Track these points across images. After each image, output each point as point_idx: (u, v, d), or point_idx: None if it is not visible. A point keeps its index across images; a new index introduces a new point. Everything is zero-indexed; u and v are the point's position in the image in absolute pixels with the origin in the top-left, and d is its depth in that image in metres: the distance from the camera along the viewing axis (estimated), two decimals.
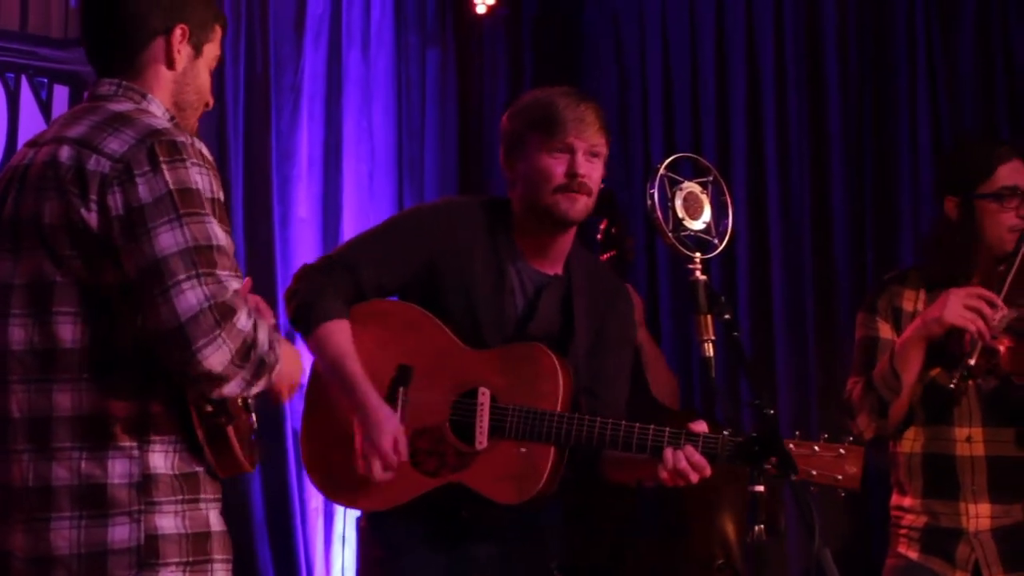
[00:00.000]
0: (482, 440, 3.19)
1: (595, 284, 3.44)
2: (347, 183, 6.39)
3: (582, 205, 3.29)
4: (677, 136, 6.42)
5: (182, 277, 2.34)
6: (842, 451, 3.09)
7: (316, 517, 6.08)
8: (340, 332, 3.24)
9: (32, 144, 2.56)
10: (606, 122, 3.35)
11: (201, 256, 2.35)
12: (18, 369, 2.45)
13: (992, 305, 3.43)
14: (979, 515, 3.60)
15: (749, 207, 6.17)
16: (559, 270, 3.39)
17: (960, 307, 3.45)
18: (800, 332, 6.03)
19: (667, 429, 3.13)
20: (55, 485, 2.42)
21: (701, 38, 6.39)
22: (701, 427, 3.14)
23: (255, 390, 2.44)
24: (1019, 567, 3.58)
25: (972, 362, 3.44)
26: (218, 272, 2.36)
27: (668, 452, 3.10)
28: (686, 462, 3.09)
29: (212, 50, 2.66)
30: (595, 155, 3.30)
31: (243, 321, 2.37)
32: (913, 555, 3.67)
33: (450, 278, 3.31)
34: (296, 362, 2.67)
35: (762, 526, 2.91)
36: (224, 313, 2.34)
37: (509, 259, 3.34)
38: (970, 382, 3.56)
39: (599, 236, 4.59)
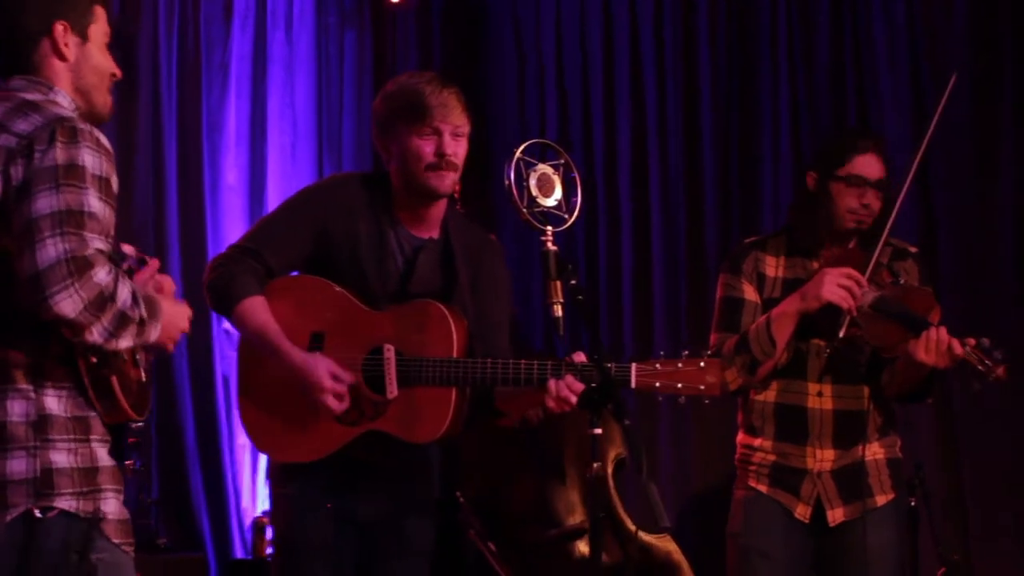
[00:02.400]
0: (392, 390, 3.27)
1: (468, 241, 3.54)
2: (271, 153, 6.45)
3: (450, 180, 3.40)
4: (569, 110, 6.51)
5: (47, 234, 2.41)
6: (702, 364, 3.17)
7: (243, 452, 6.19)
8: (257, 306, 3.32)
9: None
10: (467, 104, 3.43)
11: (70, 219, 2.43)
12: None
13: (859, 284, 3.59)
14: (823, 459, 3.75)
15: (633, 179, 6.28)
16: (435, 233, 3.49)
17: (834, 285, 3.58)
18: (674, 291, 6.16)
19: (549, 362, 3.20)
20: None
21: (590, 26, 6.46)
22: (580, 358, 3.21)
23: (123, 343, 2.50)
24: (854, 498, 3.73)
25: (842, 334, 3.59)
26: (84, 233, 2.44)
27: (552, 383, 3.17)
28: (567, 389, 3.16)
29: (99, 29, 2.70)
30: (459, 135, 3.40)
31: (100, 276, 2.43)
32: (762, 488, 3.80)
33: (338, 243, 3.40)
34: (179, 316, 2.71)
35: (599, 463, 3.06)
36: (80, 266, 2.41)
37: (389, 225, 3.44)
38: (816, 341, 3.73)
39: (456, 194, 4.63)
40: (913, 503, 5.02)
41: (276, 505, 3.54)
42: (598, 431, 3.07)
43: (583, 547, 4.62)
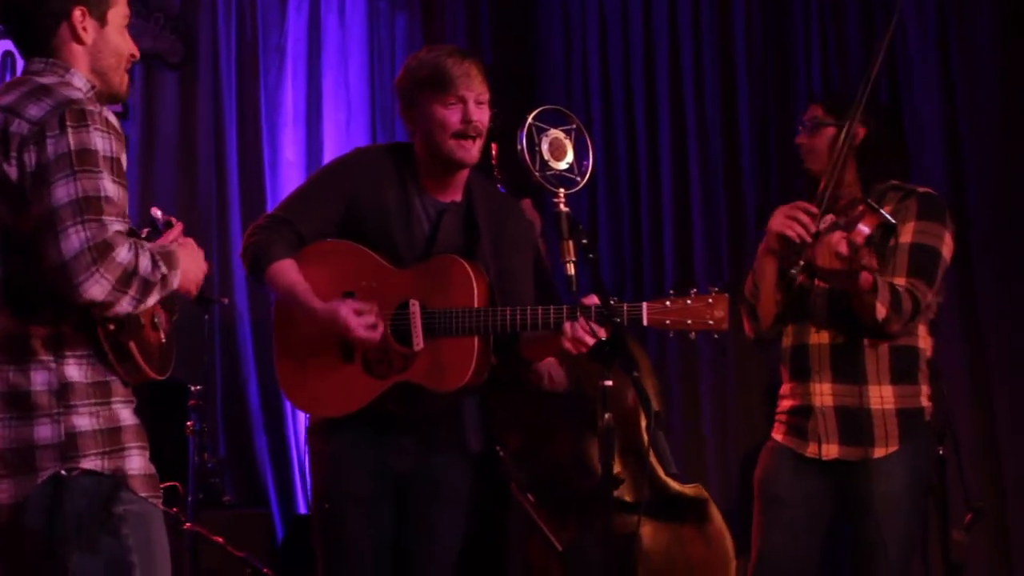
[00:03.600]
0: (418, 342, 3.32)
1: (491, 203, 3.58)
2: (327, 130, 6.49)
3: (476, 149, 3.44)
4: (612, 92, 6.47)
5: (69, 223, 2.44)
6: (710, 300, 3.16)
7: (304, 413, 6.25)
8: (286, 269, 3.39)
9: None
10: (487, 74, 3.46)
11: (89, 205, 2.46)
12: None
13: (811, 214, 3.52)
14: (823, 392, 3.70)
15: (672, 136, 6.23)
16: (458, 197, 3.53)
17: (782, 217, 3.56)
18: (715, 247, 6.12)
19: (565, 307, 3.23)
20: None
21: (631, 10, 6.41)
22: (592, 300, 3.23)
23: (150, 303, 2.55)
24: (853, 441, 3.69)
25: (801, 261, 3.51)
26: (103, 217, 2.47)
27: (567, 325, 3.20)
28: (582, 330, 3.19)
29: (118, 12, 2.71)
30: (481, 102, 3.43)
31: (122, 255, 2.46)
32: (779, 437, 3.81)
33: (367, 211, 3.45)
34: (195, 262, 2.74)
35: (611, 415, 3.06)
36: (102, 251, 2.44)
37: (415, 192, 3.48)
38: (818, 283, 3.68)
39: (493, 161, 4.55)
40: (941, 451, 4.99)
41: (315, 461, 3.57)
42: (609, 383, 3.06)
43: (620, 497, 4.62)
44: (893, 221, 3.45)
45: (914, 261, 3.62)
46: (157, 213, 2.81)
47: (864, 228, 3.38)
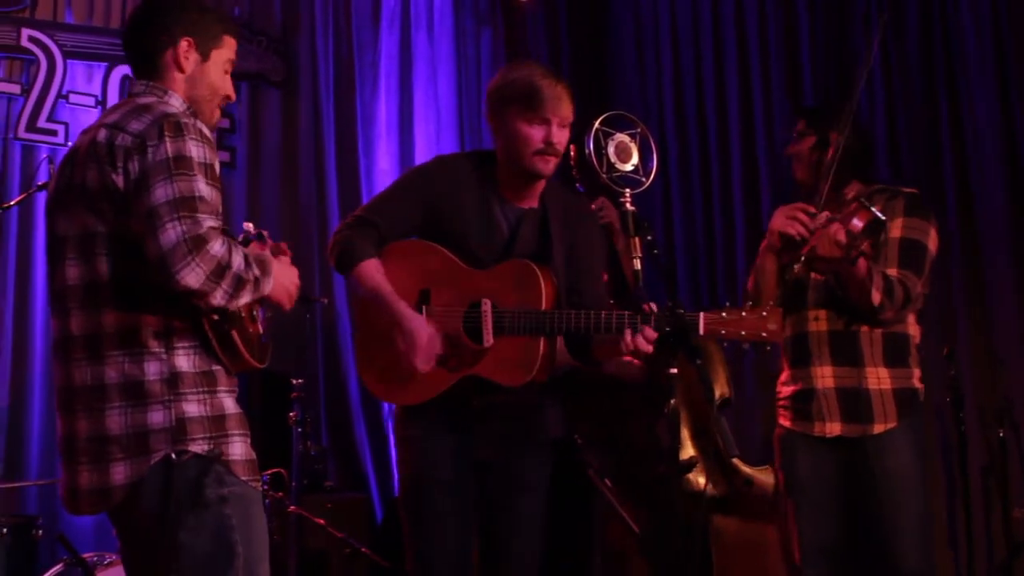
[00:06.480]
0: (489, 339, 3.31)
1: (566, 208, 3.55)
2: (419, 141, 6.54)
3: (553, 164, 3.43)
4: (684, 96, 6.46)
5: (166, 219, 2.52)
6: (764, 313, 3.12)
7: None
8: (373, 268, 3.39)
9: (84, 132, 2.77)
10: (574, 97, 3.44)
11: (184, 204, 2.53)
12: (75, 299, 2.67)
13: (808, 213, 3.53)
14: (824, 376, 3.70)
15: (741, 129, 6.20)
16: (535, 203, 3.52)
17: (782, 218, 3.55)
18: None
19: (627, 313, 3.17)
20: (107, 383, 2.62)
21: (702, 21, 6.41)
22: (651, 306, 3.17)
23: (242, 300, 2.60)
24: (853, 419, 3.68)
25: (802, 256, 3.51)
26: (197, 215, 2.54)
27: (627, 334, 3.15)
28: (643, 341, 3.13)
29: (222, 55, 2.83)
30: (564, 125, 3.42)
31: (216, 248, 2.53)
32: (787, 423, 3.79)
33: (446, 215, 3.43)
34: (289, 276, 2.78)
35: (676, 400, 3.03)
36: (197, 243, 2.51)
37: (494, 198, 3.47)
38: (814, 275, 3.68)
39: (572, 161, 4.58)
40: (1001, 433, 4.91)
41: (401, 447, 3.54)
42: (674, 371, 3.03)
43: (693, 480, 4.59)
44: (883, 217, 3.47)
45: (904, 254, 3.64)
46: (249, 227, 2.84)
47: (858, 221, 3.42)
